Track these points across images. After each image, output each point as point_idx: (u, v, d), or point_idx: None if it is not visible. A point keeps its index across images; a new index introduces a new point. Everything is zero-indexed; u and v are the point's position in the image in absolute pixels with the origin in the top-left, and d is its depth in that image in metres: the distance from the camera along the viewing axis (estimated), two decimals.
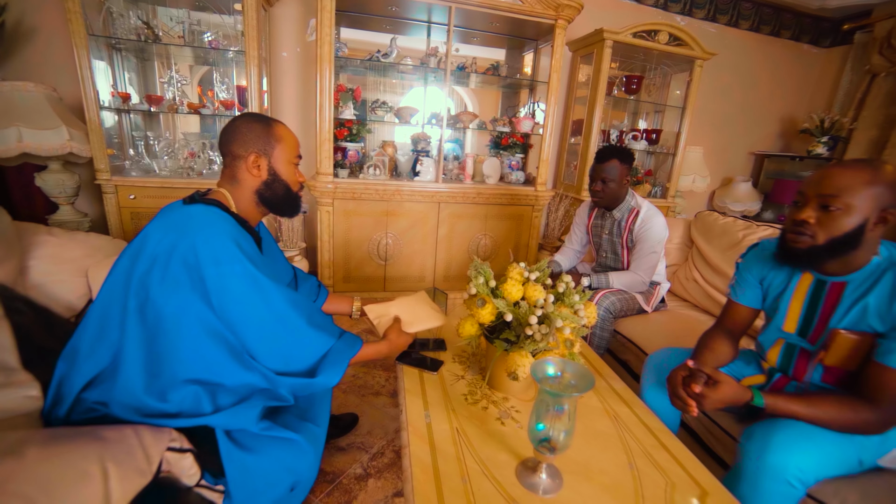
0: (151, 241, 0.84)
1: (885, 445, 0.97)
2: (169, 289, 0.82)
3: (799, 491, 0.91)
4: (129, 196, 2.09)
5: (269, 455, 0.87)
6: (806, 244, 0.94)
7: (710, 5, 3.15)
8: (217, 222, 0.86)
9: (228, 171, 0.98)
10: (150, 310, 0.83)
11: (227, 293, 0.83)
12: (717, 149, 3.56)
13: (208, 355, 0.85)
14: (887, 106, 3.04)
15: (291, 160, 1.01)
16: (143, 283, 0.83)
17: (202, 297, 0.83)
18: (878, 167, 0.88)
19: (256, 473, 0.86)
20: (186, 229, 0.83)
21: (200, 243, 0.82)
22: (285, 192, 1.01)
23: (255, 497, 0.86)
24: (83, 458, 0.64)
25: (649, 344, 1.67)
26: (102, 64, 2.08)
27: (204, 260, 0.82)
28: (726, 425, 1.23)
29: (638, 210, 1.76)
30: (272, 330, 0.87)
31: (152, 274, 0.82)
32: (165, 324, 0.83)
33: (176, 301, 0.82)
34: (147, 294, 0.82)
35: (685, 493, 0.84)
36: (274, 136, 0.98)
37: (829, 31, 3.47)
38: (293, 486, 0.94)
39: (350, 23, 2.54)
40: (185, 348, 0.84)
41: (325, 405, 1.13)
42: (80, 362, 0.85)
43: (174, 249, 0.82)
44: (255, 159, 0.95)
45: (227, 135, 0.96)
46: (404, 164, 2.62)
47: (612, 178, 1.72)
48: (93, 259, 1.41)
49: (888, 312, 0.90)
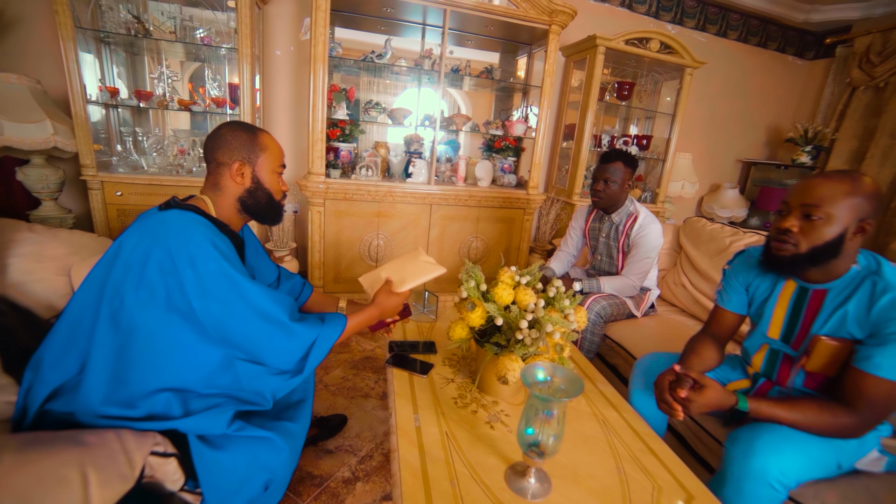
0: (126, 247, 0.83)
1: (861, 449, 1.00)
2: (144, 295, 0.81)
3: (781, 494, 0.93)
4: (116, 193, 2.05)
5: (241, 453, 0.86)
6: (789, 252, 0.97)
7: (701, 15, 3.21)
8: (192, 225, 0.86)
9: (212, 178, 0.98)
10: (124, 317, 0.82)
11: (207, 294, 0.83)
12: (706, 155, 3.62)
13: (183, 362, 0.84)
14: (866, 118, 3.13)
15: (275, 169, 1.02)
16: (117, 290, 0.82)
17: (180, 302, 0.82)
18: (857, 179, 0.91)
19: (229, 472, 0.85)
20: (161, 234, 0.83)
21: (175, 247, 0.82)
22: (268, 201, 1.02)
23: (228, 497, 0.85)
24: (62, 464, 0.63)
25: (638, 348, 1.69)
26: (90, 57, 2.04)
27: (180, 263, 0.81)
28: (712, 429, 1.25)
29: (636, 216, 1.79)
30: (257, 327, 0.86)
31: (127, 281, 0.81)
32: (139, 331, 0.82)
33: (151, 308, 0.82)
34: (122, 301, 0.82)
35: (672, 497, 0.85)
36: (259, 144, 0.98)
37: (812, 44, 3.56)
38: (267, 485, 0.93)
39: (344, 23, 2.53)
40: (159, 355, 0.83)
41: (306, 405, 1.11)
42: (44, 372, 0.83)
43: (149, 255, 0.81)
44: (240, 167, 0.96)
45: (212, 142, 0.96)
46: (397, 166, 2.61)
47: (615, 180, 1.75)
48: (76, 257, 1.37)
49: (866, 320, 0.92)
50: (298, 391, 1.13)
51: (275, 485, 0.95)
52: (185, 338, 0.85)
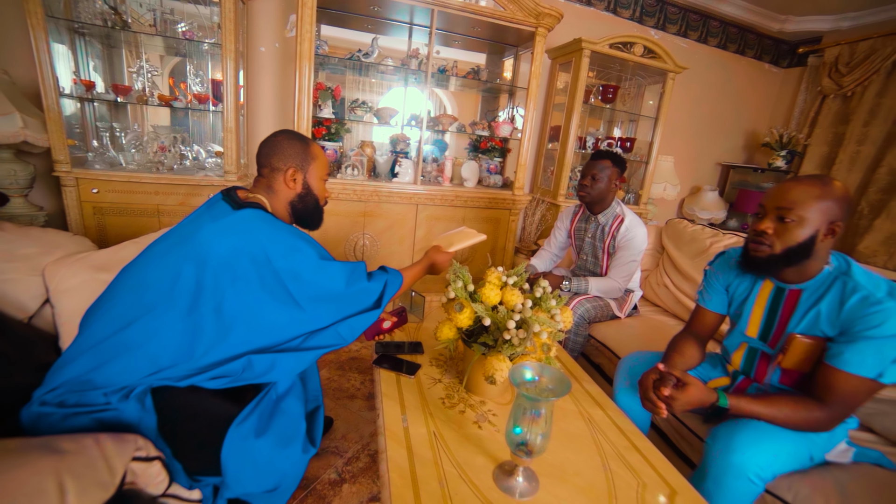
0: (214, 246, 0.91)
1: (831, 441, 1.04)
2: (241, 286, 0.92)
3: (759, 487, 0.96)
4: (92, 190, 1.98)
5: (268, 447, 0.91)
6: (765, 253, 1.00)
7: (682, 21, 3.29)
8: (274, 222, 0.98)
9: (265, 181, 1.07)
10: (227, 308, 0.91)
11: (299, 277, 0.95)
12: (687, 158, 3.71)
13: (275, 336, 0.97)
14: (835, 125, 3.26)
15: (322, 176, 1.14)
16: (216, 286, 0.91)
17: (274, 286, 0.93)
18: (827, 183, 0.95)
19: (255, 459, 0.89)
20: (250, 232, 0.93)
21: (268, 242, 0.93)
22: (315, 206, 1.14)
23: (246, 481, 0.90)
24: (36, 474, 0.60)
25: (622, 347, 1.72)
26: (63, 48, 1.96)
27: (274, 255, 0.93)
28: (693, 426, 1.28)
29: (623, 217, 1.81)
30: (345, 294, 1.01)
31: (223, 277, 0.90)
32: (238, 316, 0.92)
33: (246, 293, 0.92)
34: (223, 295, 0.91)
35: (656, 492, 0.87)
36: (311, 154, 1.09)
37: (787, 53, 3.69)
38: (276, 487, 0.95)
39: (331, 20, 2.50)
40: (257, 333, 0.94)
41: (320, 429, 1.15)
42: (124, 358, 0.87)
43: (240, 251, 0.91)
44: (293, 173, 1.06)
45: (268, 148, 1.07)
46: (383, 165, 2.60)
47: (602, 177, 1.77)
48: (50, 257, 1.32)
49: (837, 318, 0.96)
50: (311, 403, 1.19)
51: (280, 491, 0.98)
52: (276, 310, 0.95)
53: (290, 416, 0.98)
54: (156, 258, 0.95)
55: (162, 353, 0.89)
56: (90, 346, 0.88)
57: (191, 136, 2.38)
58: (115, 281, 0.97)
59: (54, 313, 1.24)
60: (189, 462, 0.87)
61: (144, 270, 0.94)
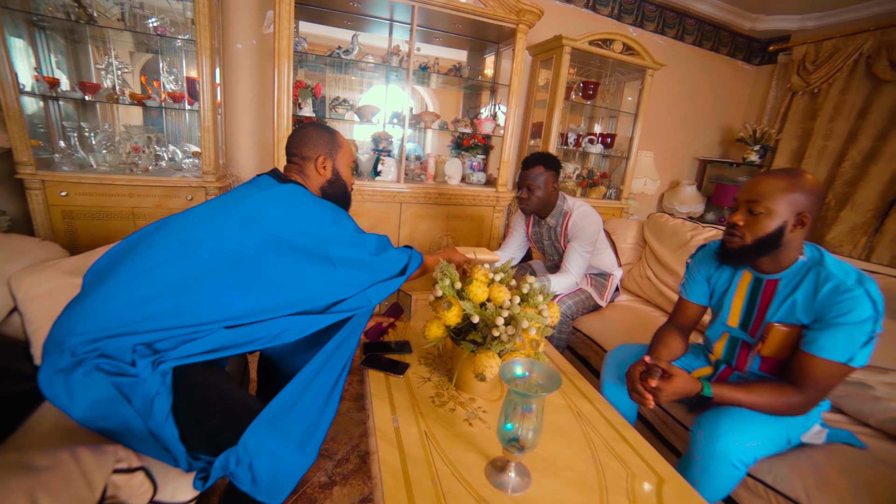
0: (265, 210, 0.98)
1: (806, 424, 1.09)
2: (284, 251, 0.97)
3: (741, 471, 1.00)
4: (61, 193, 1.89)
5: (284, 445, 0.90)
6: (737, 244, 1.04)
7: (659, 19, 3.35)
8: (316, 197, 1.08)
9: (296, 168, 1.15)
10: (269, 270, 0.96)
11: (341, 245, 1.02)
12: (666, 154, 3.80)
13: (312, 300, 1.02)
14: (804, 121, 3.38)
15: (349, 164, 1.22)
16: (261, 248, 0.96)
17: (317, 252, 0.99)
18: (795, 176, 0.99)
19: (272, 450, 0.88)
20: (296, 199, 1.03)
21: (314, 212, 1.02)
22: (343, 191, 1.22)
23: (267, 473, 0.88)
24: (6, 493, 0.57)
25: (607, 340, 1.75)
26: (21, 43, 1.86)
27: (319, 223, 1.01)
28: (679, 415, 1.31)
29: (570, 213, 1.79)
30: (376, 261, 1.08)
31: (269, 239, 0.96)
32: (282, 278, 0.97)
33: (291, 259, 0.98)
34: (266, 257, 0.96)
35: (644, 481, 0.89)
36: (337, 142, 1.18)
37: (758, 51, 3.81)
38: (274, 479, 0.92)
39: (309, 17, 2.45)
40: (296, 295, 0.99)
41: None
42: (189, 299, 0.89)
43: (289, 216, 0.99)
44: (323, 160, 1.15)
45: (298, 139, 1.16)
46: (365, 164, 2.57)
47: (539, 186, 1.73)
48: (16, 264, 1.25)
49: (811, 306, 1.00)
50: None
51: (279, 484, 0.94)
52: (317, 273, 1.01)
53: (308, 415, 0.97)
54: (199, 222, 0.98)
55: (210, 309, 0.91)
56: (147, 297, 0.87)
57: (166, 136, 2.29)
58: (143, 238, 0.98)
59: (24, 321, 1.18)
60: (197, 442, 0.85)
61: (188, 228, 0.97)
